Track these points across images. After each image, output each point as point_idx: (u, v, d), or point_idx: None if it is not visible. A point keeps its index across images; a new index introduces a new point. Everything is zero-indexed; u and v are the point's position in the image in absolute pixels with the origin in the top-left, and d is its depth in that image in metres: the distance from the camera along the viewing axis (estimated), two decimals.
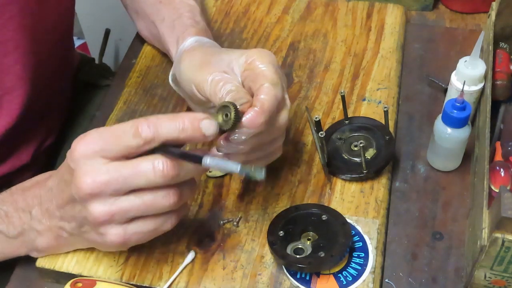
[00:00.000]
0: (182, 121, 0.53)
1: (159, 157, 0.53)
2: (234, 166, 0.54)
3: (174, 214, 0.57)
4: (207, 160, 0.54)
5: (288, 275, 0.63)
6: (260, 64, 0.60)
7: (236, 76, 0.62)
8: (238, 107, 0.57)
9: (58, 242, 0.63)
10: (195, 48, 0.69)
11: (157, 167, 0.53)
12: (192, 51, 0.68)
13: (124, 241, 0.56)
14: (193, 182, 0.58)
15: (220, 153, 0.59)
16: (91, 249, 0.66)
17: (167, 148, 0.54)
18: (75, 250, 0.66)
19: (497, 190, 0.65)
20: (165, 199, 0.55)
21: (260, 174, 0.55)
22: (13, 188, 0.65)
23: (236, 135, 0.58)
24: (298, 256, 0.62)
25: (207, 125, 0.54)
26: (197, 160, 0.54)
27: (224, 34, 0.90)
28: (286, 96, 0.62)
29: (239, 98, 0.58)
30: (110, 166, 0.53)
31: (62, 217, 0.60)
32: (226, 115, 0.56)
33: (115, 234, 0.56)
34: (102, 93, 0.98)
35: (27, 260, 0.68)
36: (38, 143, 0.85)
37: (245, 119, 0.57)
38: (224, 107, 0.57)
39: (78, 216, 0.57)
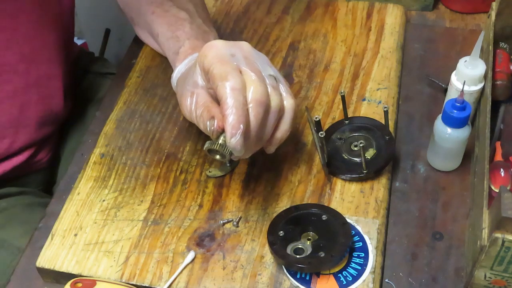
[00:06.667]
0: None
1: None
2: None
3: None
4: None
5: (288, 275, 0.63)
6: (207, 65, 0.61)
7: (201, 89, 0.63)
8: (219, 140, 0.60)
9: None
10: (178, 82, 0.71)
11: None
12: (177, 86, 0.71)
13: None
14: None
15: None
16: (91, 249, 0.66)
17: None
18: (75, 250, 0.66)
19: (497, 190, 0.65)
20: None
21: None
22: None
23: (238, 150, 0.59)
24: (298, 256, 0.62)
25: None
26: None
27: (224, 34, 0.90)
28: (251, 72, 0.61)
29: (209, 122, 0.61)
30: None
31: None
32: (221, 153, 0.61)
33: None
34: (105, 81, 0.98)
35: (27, 260, 0.68)
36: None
37: (233, 140, 0.58)
38: (212, 150, 0.61)
39: None
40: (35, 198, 0.86)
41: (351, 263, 0.63)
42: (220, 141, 0.59)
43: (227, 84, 0.58)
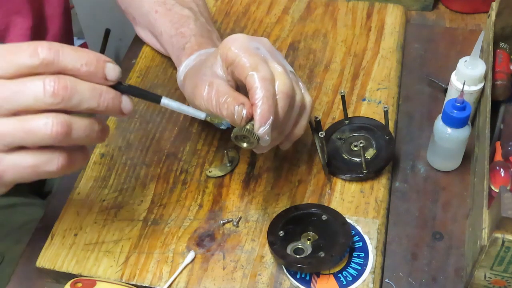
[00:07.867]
0: (87, 54, 0.49)
1: (50, 76, 0.48)
2: (200, 114, 0.57)
3: (62, 153, 0.51)
4: (165, 100, 0.56)
5: (288, 275, 0.63)
6: (233, 56, 0.60)
7: (221, 79, 0.62)
8: (247, 126, 0.58)
9: None
10: (186, 75, 0.70)
11: (48, 84, 0.47)
12: (185, 80, 0.70)
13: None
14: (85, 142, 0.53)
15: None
16: (91, 249, 0.66)
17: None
18: (75, 250, 0.66)
19: (497, 190, 0.65)
20: (47, 126, 0.48)
21: (224, 125, 0.58)
22: None
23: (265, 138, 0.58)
24: (298, 256, 0.62)
25: (111, 68, 0.51)
26: (155, 98, 0.56)
27: (224, 34, 0.90)
28: (277, 65, 0.61)
29: (234, 108, 0.59)
30: None
31: None
32: (248, 140, 0.59)
33: None
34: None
35: (27, 260, 0.68)
36: None
37: (261, 129, 0.57)
38: (238, 137, 0.59)
39: None
40: (17, 199, 0.85)
41: (351, 263, 0.63)
42: (248, 127, 0.59)
43: (258, 74, 0.58)
